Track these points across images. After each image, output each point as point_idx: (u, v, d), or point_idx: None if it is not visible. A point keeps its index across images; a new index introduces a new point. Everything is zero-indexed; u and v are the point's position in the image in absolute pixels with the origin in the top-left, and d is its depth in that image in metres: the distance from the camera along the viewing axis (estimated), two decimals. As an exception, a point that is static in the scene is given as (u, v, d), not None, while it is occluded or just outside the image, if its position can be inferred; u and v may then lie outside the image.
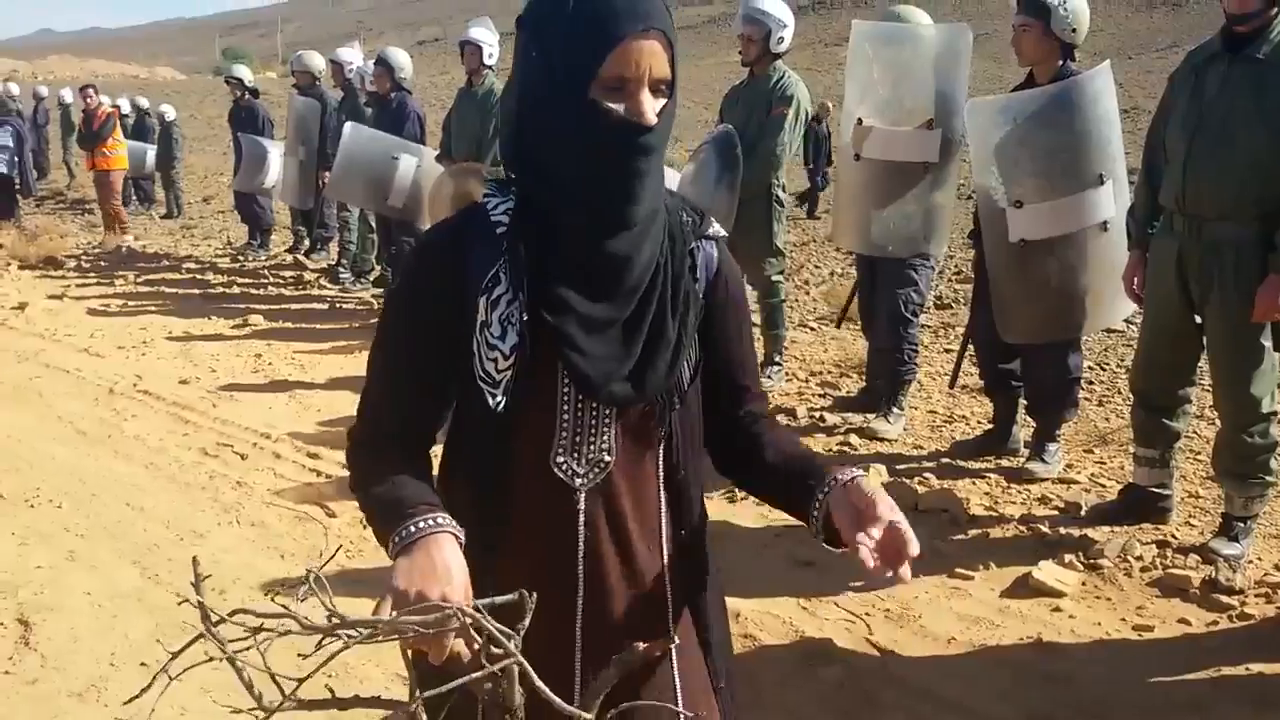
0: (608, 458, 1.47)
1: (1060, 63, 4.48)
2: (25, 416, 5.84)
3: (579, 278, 1.39)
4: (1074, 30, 4.43)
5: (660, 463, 1.51)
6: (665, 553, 1.54)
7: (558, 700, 1.16)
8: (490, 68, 7.97)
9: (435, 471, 1.51)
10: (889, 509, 1.36)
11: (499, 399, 1.41)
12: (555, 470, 1.45)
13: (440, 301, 1.44)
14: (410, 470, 1.47)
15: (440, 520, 1.37)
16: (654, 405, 1.46)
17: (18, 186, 14.48)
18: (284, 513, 4.52)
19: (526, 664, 1.17)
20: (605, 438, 1.46)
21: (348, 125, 8.27)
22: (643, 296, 1.42)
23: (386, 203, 8.11)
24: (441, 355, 1.46)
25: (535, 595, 1.24)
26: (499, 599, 1.24)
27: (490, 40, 7.92)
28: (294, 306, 8.90)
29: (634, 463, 1.49)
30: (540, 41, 1.36)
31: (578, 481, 1.46)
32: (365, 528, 4.26)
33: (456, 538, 1.37)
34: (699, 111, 19.54)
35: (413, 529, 1.35)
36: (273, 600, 1.20)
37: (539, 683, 1.16)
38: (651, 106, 1.35)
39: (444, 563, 1.32)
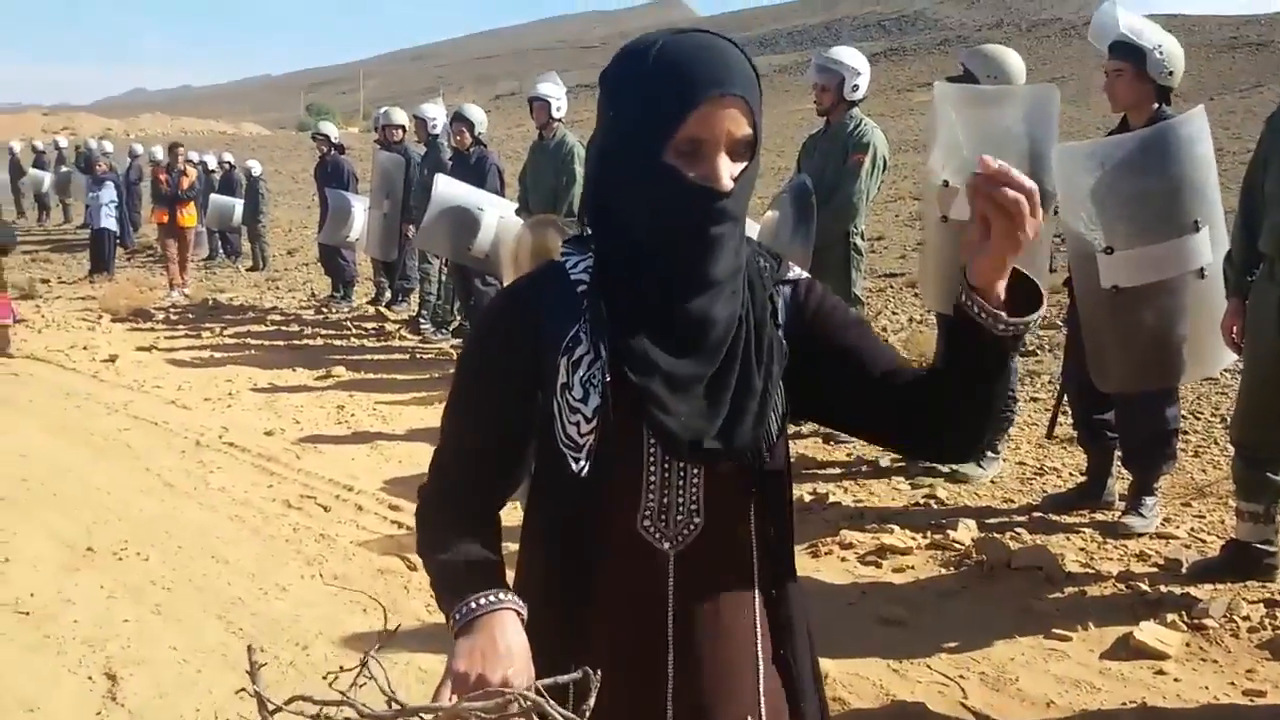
0: (697, 519, 1.42)
1: (1155, 106, 4.37)
2: (115, 468, 5.95)
3: (661, 336, 1.36)
4: (1170, 73, 4.33)
5: (752, 521, 1.46)
6: (757, 616, 1.48)
7: None
8: (560, 120, 8.09)
9: (518, 534, 1.48)
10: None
11: (582, 463, 1.37)
12: (643, 534, 1.41)
13: (516, 362, 1.41)
14: (477, 536, 1.44)
15: (502, 597, 1.34)
16: (743, 462, 1.40)
17: (119, 240, 14.98)
18: (366, 565, 4.53)
19: None
20: (694, 499, 1.41)
21: (439, 176, 8.39)
22: (728, 351, 1.38)
23: (470, 253, 8.20)
24: (516, 416, 1.43)
25: (600, 673, 1.20)
26: (562, 678, 1.21)
27: (557, 95, 8.08)
28: (376, 357, 9.02)
29: (724, 523, 1.44)
30: (618, 101, 1.35)
31: (666, 545, 1.42)
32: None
33: (519, 614, 1.34)
34: (772, 159, 19.56)
35: (474, 605, 1.33)
36: (331, 686, 1.17)
37: None
38: (728, 170, 1.31)
39: (505, 643, 1.29)
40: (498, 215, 8.11)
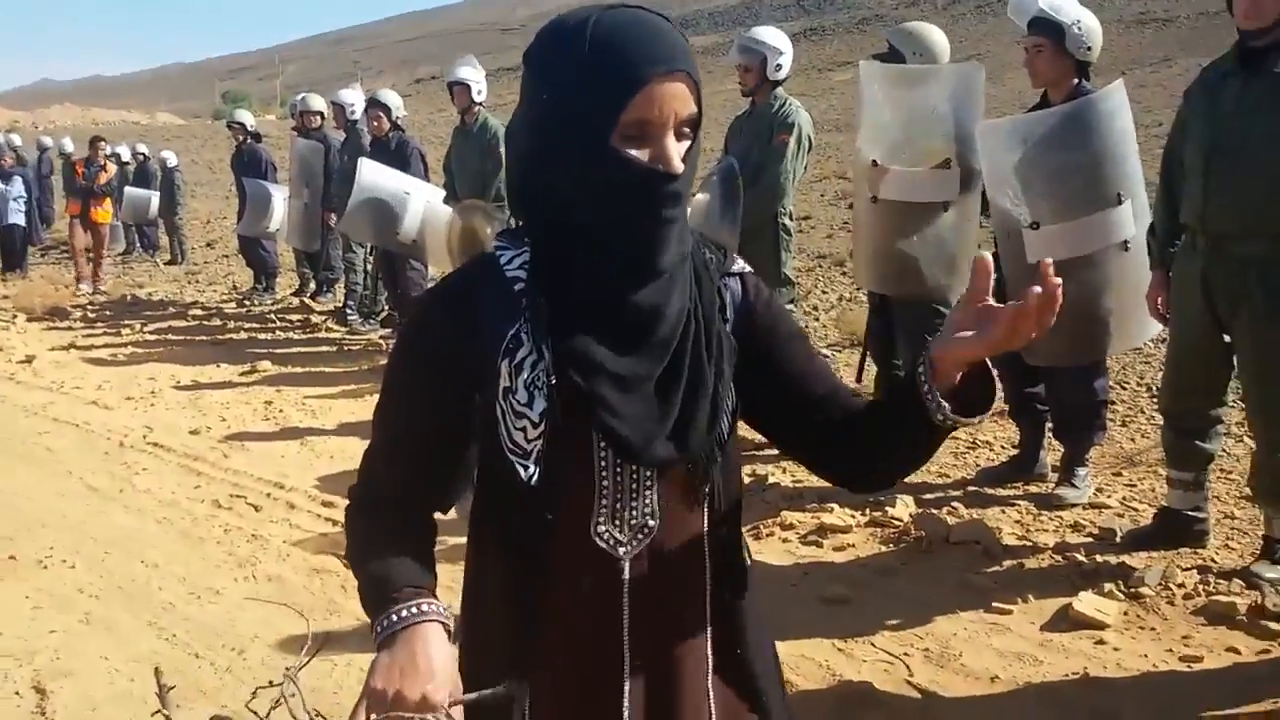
0: (652, 522, 1.37)
1: (1075, 82, 4.42)
2: (35, 473, 5.77)
3: (606, 332, 1.30)
4: (1088, 49, 4.38)
5: (705, 520, 1.42)
6: (709, 614, 1.45)
7: None
8: (481, 104, 7.99)
9: (463, 543, 1.43)
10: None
11: (531, 470, 1.32)
12: (596, 540, 1.36)
13: (451, 364, 1.35)
14: (406, 544, 1.38)
15: (425, 609, 1.29)
16: (698, 463, 1.36)
17: (30, 237, 14.53)
18: (300, 565, 4.44)
19: None
20: (648, 501, 1.37)
21: (363, 160, 8.23)
22: (677, 347, 1.33)
23: (396, 238, 8.07)
24: (452, 420, 1.37)
25: (526, 684, 1.17)
26: (485, 693, 1.18)
27: (478, 78, 7.98)
28: (302, 350, 8.85)
29: (679, 524, 1.40)
30: (552, 84, 1.27)
31: (621, 550, 1.37)
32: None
33: (445, 626, 1.29)
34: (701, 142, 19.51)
35: (394, 619, 1.27)
36: (248, 706, 1.13)
37: None
38: (677, 152, 1.27)
39: (426, 658, 1.24)
40: (424, 200, 7.99)
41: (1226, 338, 3.82)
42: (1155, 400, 5.71)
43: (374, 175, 8.00)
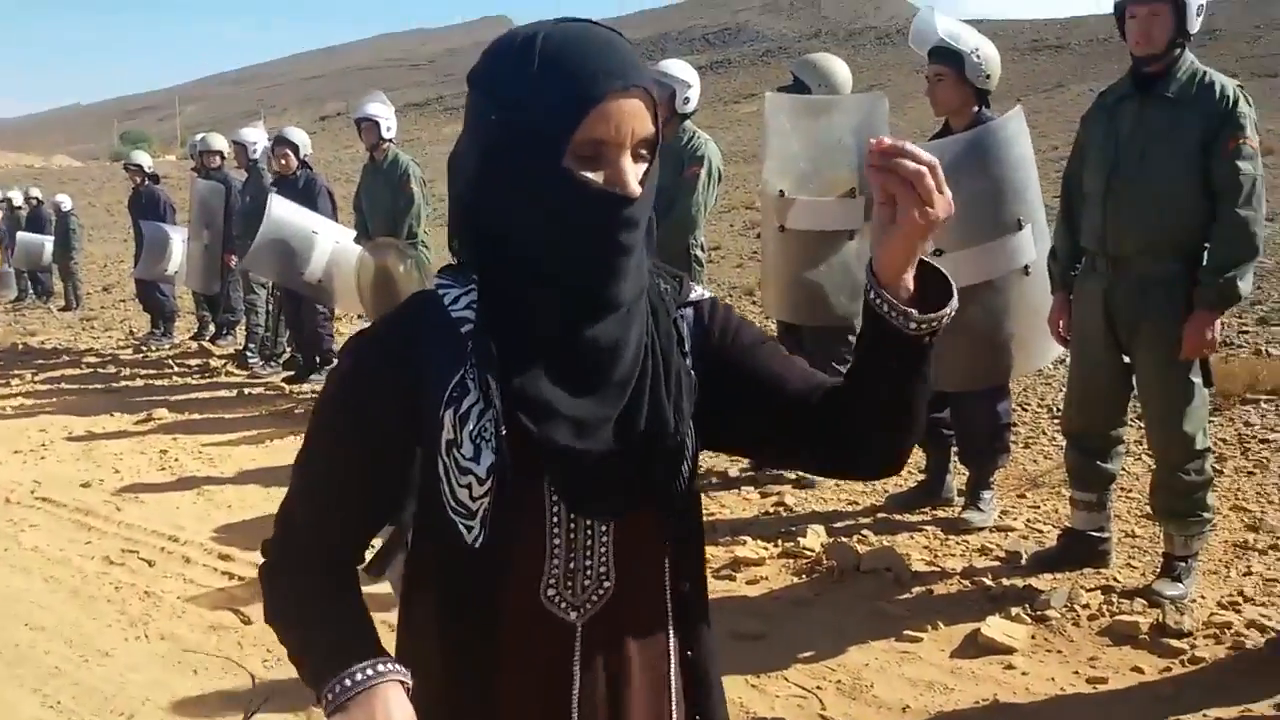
0: (607, 583, 1.26)
1: (975, 109, 4.48)
2: (-87, 534, 5.48)
3: (561, 373, 1.19)
4: (988, 76, 4.44)
5: (667, 575, 1.31)
6: (672, 679, 1.33)
7: None
8: (391, 140, 7.88)
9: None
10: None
11: (477, 532, 1.20)
12: (546, 605, 1.25)
13: (387, 414, 1.22)
14: (342, 600, 1.28)
15: (382, 669, 1.19)
16: (659, 513, 1.26)
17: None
18: (196, 622, 4.25)
19: None
20: (603, 559, 1.25)
21: (273, 197, 8.04)
22: (635, 386, 1.22)
23: (301, 278, 7.90)
24: (386, 475, 1.26)
25: None
26: None
27: (386, 114, 7.87)
28: (201, 396, 8.58)
29: (636, 583, 1.28)
30: (499, 104, 1.17)
31: (573, 615, 1.25)
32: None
33: (404, 685, 1.19)
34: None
35: (349, 683, 1.17)
36: None
37: None
38: (634, 174, 1.17)
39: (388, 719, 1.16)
40: (332, 240, 7.85)
41: (1127, 359, 3.88)
42: (1057, 421, 5.79)
43: (283, 211, 7.84)
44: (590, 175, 1.16)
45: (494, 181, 1.18)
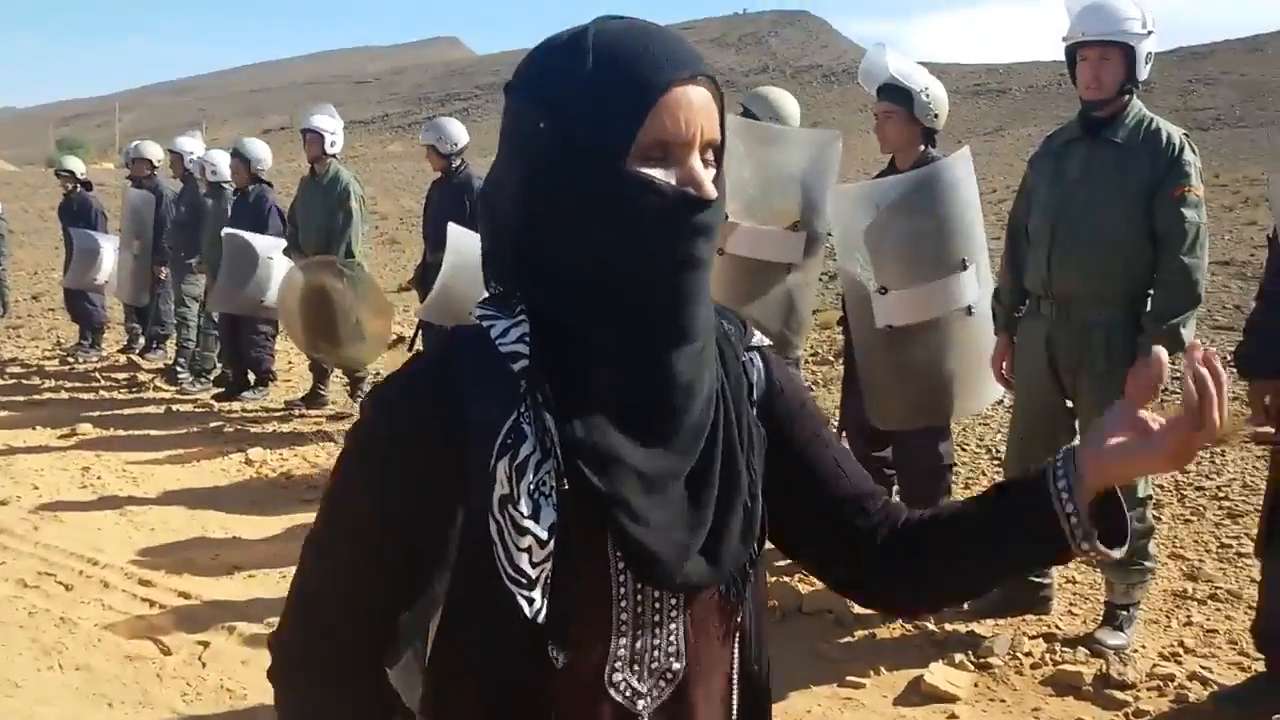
0: (676, 665, 1.11)
1: (922, 148, 4.47)
2: None
3: (628, 418, 1.04)
4: (936, 115, 4.45)
5: (736, 658, 1.16)
6: None
7: None
8: (334, 156, 7.75)
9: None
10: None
11: (538, 604, 1.01)
12: (612, 692, 1.08)
13: (431, 468, 1.05)
14: (375, 702, 1.12)
15: None
16: (731, 585, 1.11)
17: None
18: (113, 651, 4.07)
19: None
20: (672, 637, 1.10)
21: (226, 231, 7.91)
22: (709, 436, 1.08)
23: (263, 306, 7.76)
24: (426, 545, 1.08)
25: None
26: None
27: (332, 128, 7.77)
28: (127, 412, 8.31)
29: (706, 665, 1.14)
30: (549, 110, 1.02)
31: (640, 704, 1.09)
32: (204, 665, 3.85)
33: None
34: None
35: None
36: None
37: None
38: (707, 175, 1.04)
39: None
40: (286, 263, 7.70)
41: (1069, 402, 3.87)
42: (997, 463, 5.80)
43: (237, 246, 7.77)
44: (659, 176, 1.02)
45: (546, 199, 1.03)
